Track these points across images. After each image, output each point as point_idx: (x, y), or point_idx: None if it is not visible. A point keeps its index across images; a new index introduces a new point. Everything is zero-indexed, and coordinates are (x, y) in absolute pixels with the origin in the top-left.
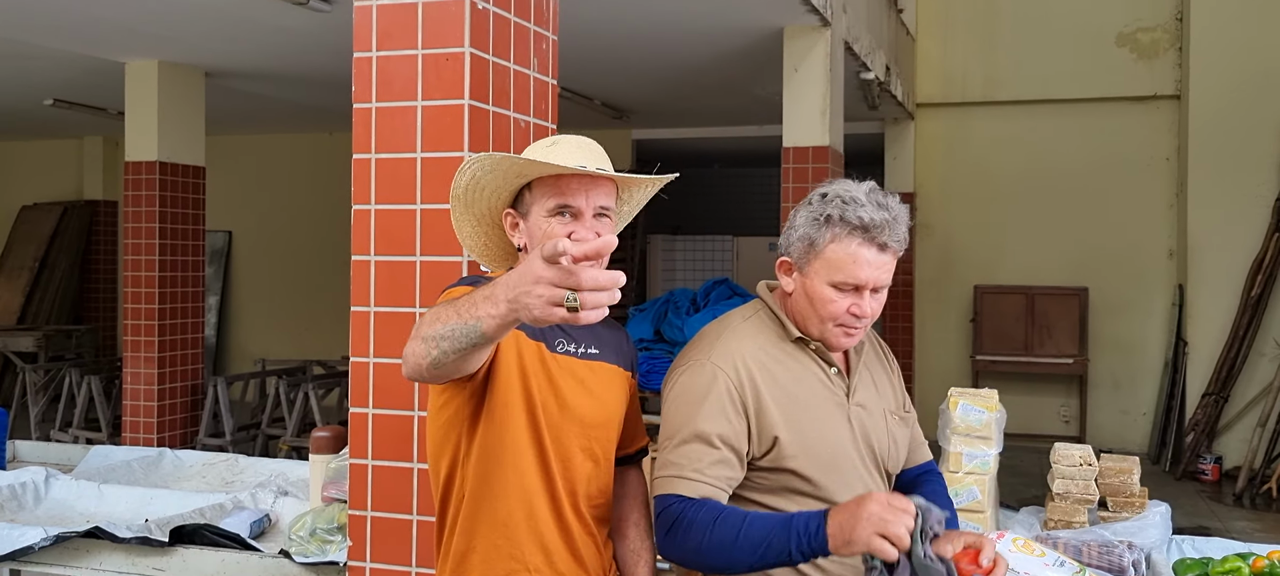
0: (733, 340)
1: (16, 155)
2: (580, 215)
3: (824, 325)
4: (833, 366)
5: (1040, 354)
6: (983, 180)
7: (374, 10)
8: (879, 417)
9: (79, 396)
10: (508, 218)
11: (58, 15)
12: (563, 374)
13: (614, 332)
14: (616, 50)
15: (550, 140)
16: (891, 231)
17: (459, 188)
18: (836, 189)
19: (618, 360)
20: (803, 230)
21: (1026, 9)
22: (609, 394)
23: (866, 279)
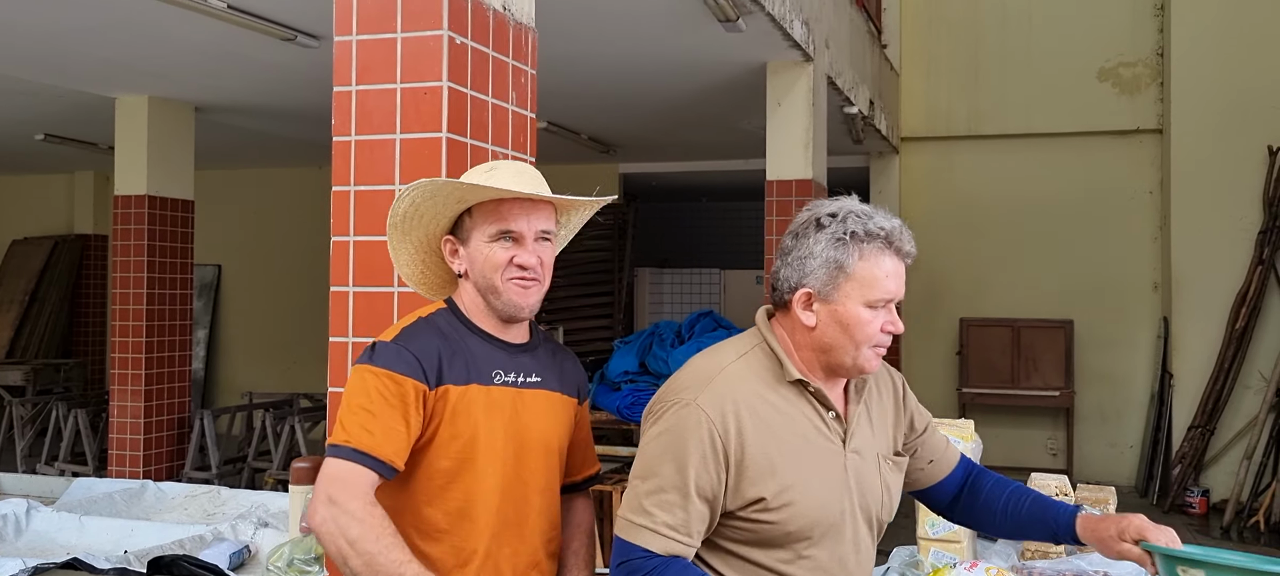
0: (723, 383)
1: (8, 190)
2: (521, 239)
3: (859, 350)
4: (831, 410)
5: (1026, 387)
6: (968, 214)
7: (354, 45)
8: (872, 464)
9: (66, 430)
10: (447, 244)
11: (49, 52)
12: (499, 405)
13: (559, 358)
14: (602, 85)
15: (489, 166)
16: (906, 237)
17: (397, 214)
18: (842, 206)
19: (561, 387)
20: (825, 254)
21: (1010, 44)
22: (549, 423)
23: (895, 291)
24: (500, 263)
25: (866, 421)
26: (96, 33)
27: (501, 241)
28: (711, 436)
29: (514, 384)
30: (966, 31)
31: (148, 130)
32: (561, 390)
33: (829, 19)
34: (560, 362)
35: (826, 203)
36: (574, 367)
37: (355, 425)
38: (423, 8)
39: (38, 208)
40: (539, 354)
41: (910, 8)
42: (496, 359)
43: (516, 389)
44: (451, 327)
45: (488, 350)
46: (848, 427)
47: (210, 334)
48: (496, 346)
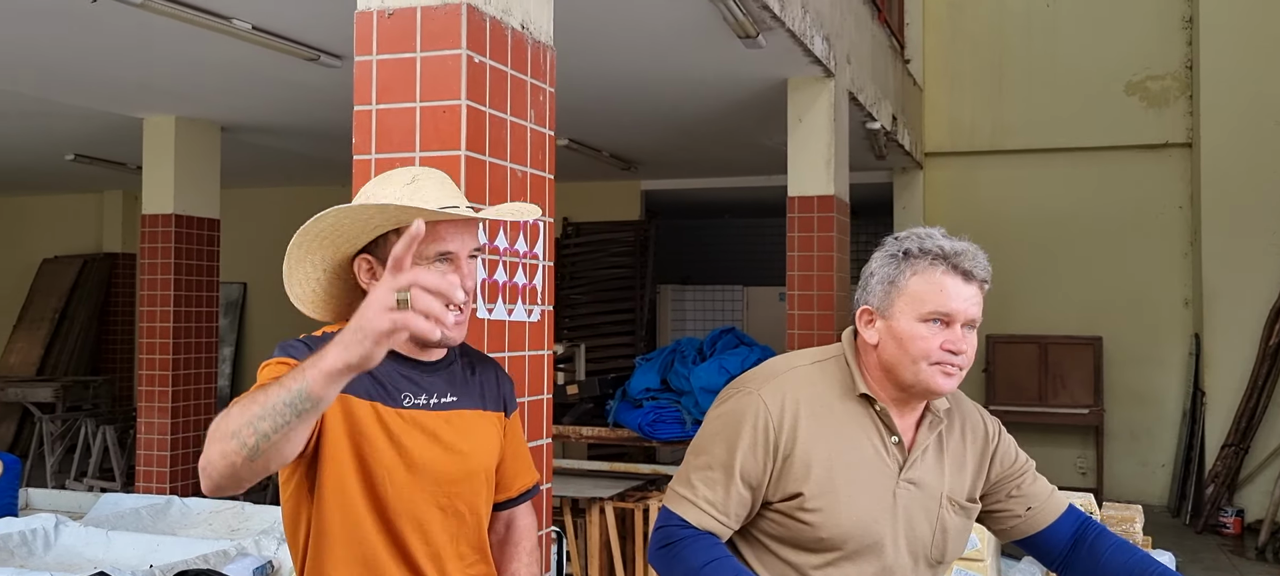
0: (790, 381)
1: (39, 209)
2: (457, 260)
3: (917, 366)
4: (894, 436)
5: (1054, 404)
6: (993, 229)
7: (374, 65)
8: (931, 502)
9: (94, 446)
10: (362, 264)
11: (79, 73)
12: (409, 430)
13: (480, 374)
14: (623, 102)
15: (410, 176)
16: (973, 258)
17: (315, 229)
18: (911, 231)
19: (483, 403)
20: (881, 272)
21: (1034, 58)
22: (469, 443)
23: (955, 310)
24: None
25: (935, 457)
26: (125, 54)
27: (439, 263)
28: (765, 425)
29: (426, 406)
30: (990, 45)
31: (174, 150)
32: (483, 406)
33: (850, 34)
34: (480, 376)
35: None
36: (497, 380)
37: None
38: (442, 28)
39: (67, 227)
40: (454, 371)
41: (933, 22)
42: (406, 380)
43: (430, 411)
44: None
45: (395, 370)
46: (909, 456)
47: (236, 351)
48: (406, 366)
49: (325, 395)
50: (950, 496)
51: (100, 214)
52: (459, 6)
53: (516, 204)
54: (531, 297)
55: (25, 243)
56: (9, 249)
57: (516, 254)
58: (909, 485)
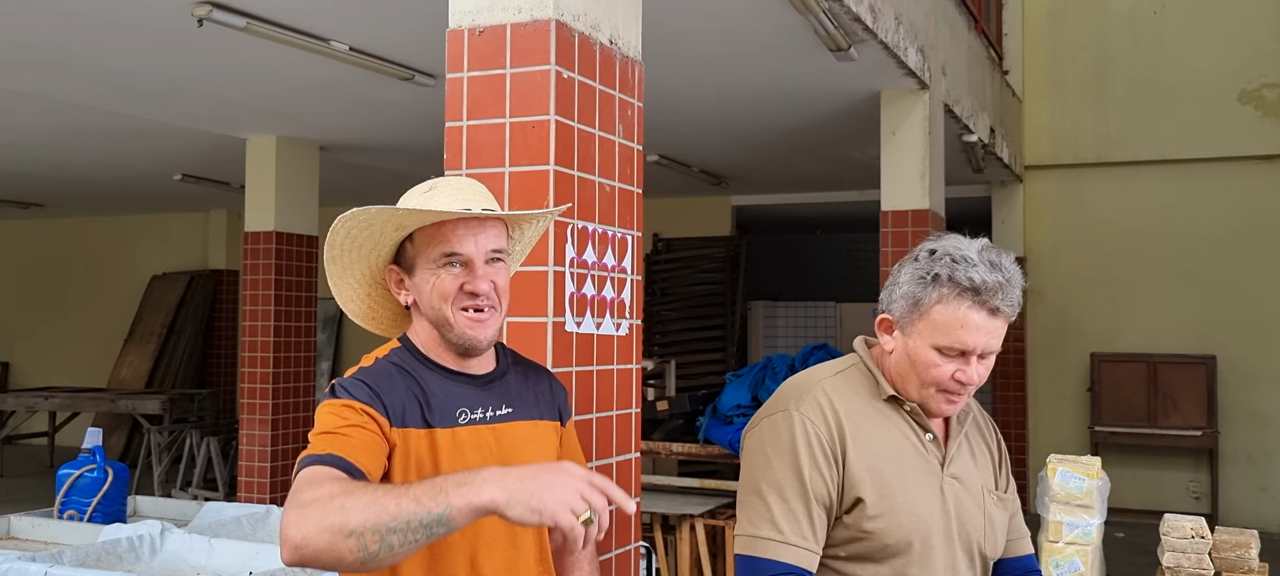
0: (822, 391)
1: (148, 228)
2: (471, 264)
3: (924, 389)
4: (929, 432)
5: (1164, 425)
6: (1097, 244)
7: (465, 82)
8: (976, 494)
9: (199, 457)
10: (391, 275)
11: (187, 97)
12: (466, 448)
13: (531, 381)
14: (713, 117)
15: (428, 185)
16: (1004, 295)
17: (333, 247)
18: (946, 245)
19: (537, 412)
20: (907, 288)
21: (1140, 67)
22: (528, 455)
23: (974, 344)
24: (449, 291)
25: (967, 453)
26: (230, 78)
27: (448, 267)
28: (817, 437)
29: (483, 420)
30: (1093, 55)
31: (276, 169)
32: (538, 415)
33: (946, 46)
34: (534, 386)
35: (940, 237)
36: (551, 388)
37: (323, 444)
38: (531, 44)
39: (175, 244)
40: (508, 381)
41: (1033, 32)
42: (460, 396)
43: (488, 426)
44: (408, 365)
45: (449, 388)
46: (946, 453)
47: (332, 366)
48: (458, 382)
49: (463, 523)
50: (987, 488)
51: (205, 231)
52: (548, 23)
53: (538, 210)
54: (619, 311)
55: (136, 260)
56: (121, 266)
57: (605, 267)
58: (953, 480)
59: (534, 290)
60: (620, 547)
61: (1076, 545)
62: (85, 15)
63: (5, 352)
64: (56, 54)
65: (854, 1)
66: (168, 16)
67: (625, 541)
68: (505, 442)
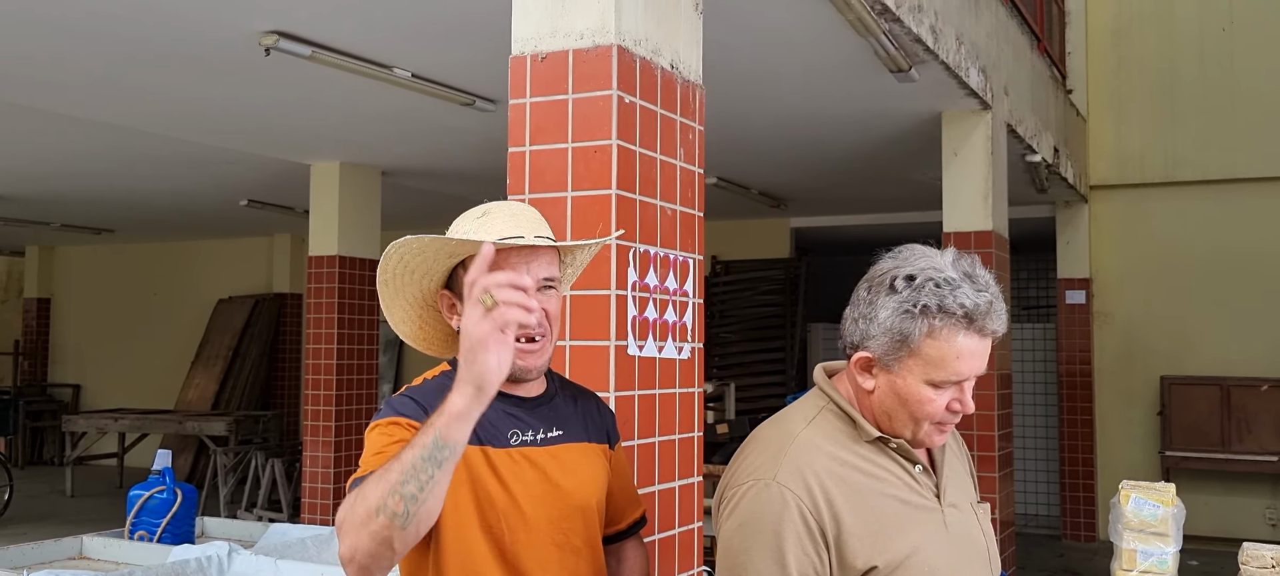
0: (798, 453)
1: (215, 252)
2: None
3: (918, 426)
4: (917, 464)
5: (1239, 451)
6: (1166, 265)
7: (527, 107)
8: (970, 514)
9: (263, 478)
10: (443, 299)
11: (254, 124)
12: (518, 469)
13: (580, 405)
14: (772, 139)
15: (482, 210)
16: (995, 315)
17: (385, 272)
18: (920, 266)
19: (585, 435)
20: (889, 322)
21: (1209, 85)
22: (579, 477)
23: (969, 371)
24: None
25: (952, 473)
26: (295, 105)
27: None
28: (802, 515)
29: (534, 442)
30: (1160, 73)
31: (339, 194)
32: (587, 438)
33: (1008, 65)
34: (583, 409)
35: (911, 259)
36: (598, 411)
37: (371, 466)
38: (593, 69)
39: (241, 268)
40: (557, 404)
41: (1097, 51)
42: (511, 418)
43: (538, 448)
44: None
45: (500, 410)
46: (940, 481)
47: (393, 388)
48: (509, 405)
49: (459, 437)
50: (974, 503)
51: (270, 256)
52: (610, 48)
53: (591, 240)
54: (681, 335)
55: (202, 284)
56: (188, 290)
57: (666, 291)
58: (953, 509)
59: (596, 314)
60: (684, 571)
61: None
62: (156, 46)
63: (77, 375)
64: (128, 84)
65: (915, 23)
66: (236, 46)
67: (688, 565)
68: (555, 464)
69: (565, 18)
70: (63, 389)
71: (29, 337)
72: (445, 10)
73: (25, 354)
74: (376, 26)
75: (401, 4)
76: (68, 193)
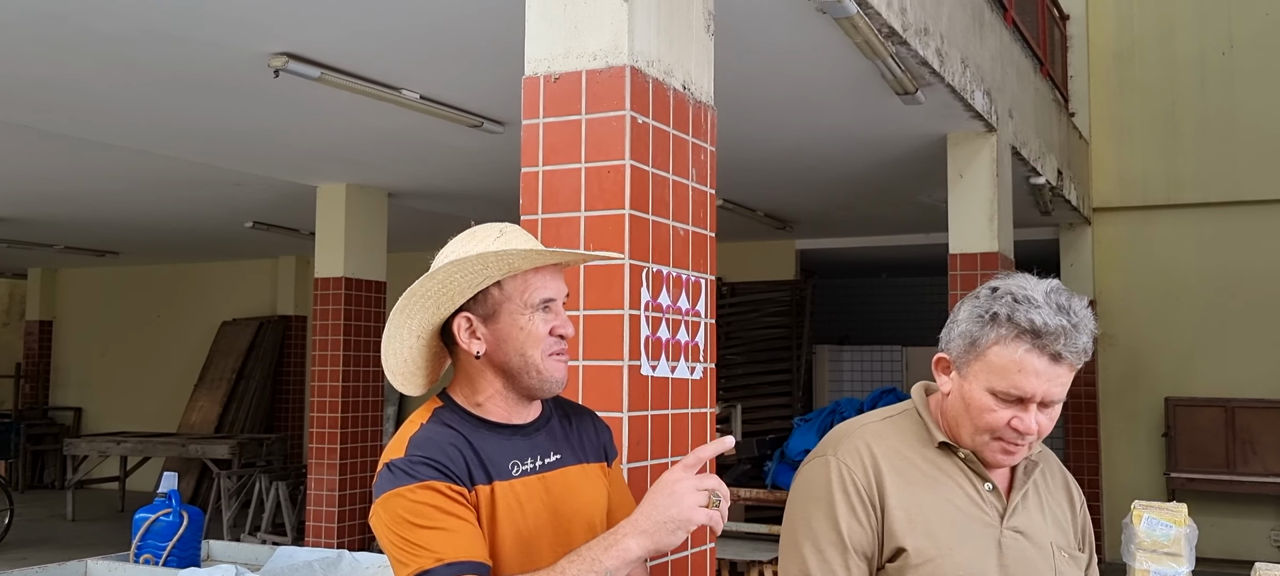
0: (862, 437)
1: (220, 275)
2: (556, 307)
3: (977, 435)
4: (987, 482)
5: (1244, 472)
6: (1170, 287)
7: (541, 127)
8: (1044, 550)
9: (267, 501)
10: (463, 322)
11: (260, 146)
12: (523, 500)
13: (576, 424)
14: (778, 161)
15: (496, 229)
16: (1068, 340)
17: (424, 289)
18: (1010, 284)
19: (583, 456)
20: (964, 326)
21: (1210, 108)
22: (581, 498)
23: (1032, 391)
24: (541, 335)
25: (1036, 505)
26: (303, 127)
27: (543, 311)
28: (854, 483)
29: (534, 470)
30: (1161, 96)
31: (345, 216)
32: (584, 459)
33: (1012, 88)
34: (577, 429)
35: (1008, 276)
36: (593, 428)
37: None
38: (606, 90)
39: (245, 291)
40: (553, 427)
41: (1099, 74)
42: (512, 449)
43: (539, 475)
44: (457, 425)
45: (499, 441)
46: (1008, 504)
47: (399, 410)
48: (506, 434)
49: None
50: (1059, 546)
51: (275, 278)
52: (623, 70)
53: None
54: (694, 355)
55: (207, 306)
56: (193, 312)
57: (679, 311)
58: (1015, 534)
59: (610, 334)
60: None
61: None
62: (165, 69)
63: (79, 398)
64: (136, 106)
65: (921, 45)
66: (245, 68)
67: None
68: (556, 490)
69: (578, 39)
70: (64, 412)
71: (31, 360)
72: (454, 32)
73: (27, 377)
74: (385, 48)
75: (410, 26)
76: (72, 214)
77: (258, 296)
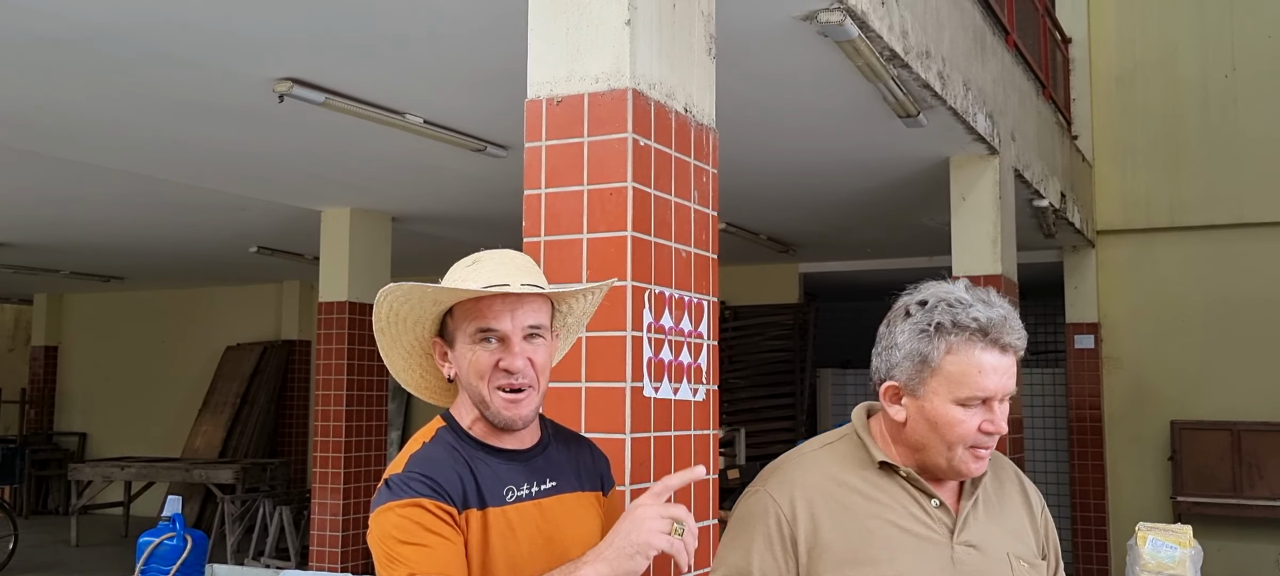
0: (797, 469)
1: (225, 299)
2: (507, 339)
3: (953, 451)
4: (933, 498)
5: (1251, 496)
6: (1174, 309)
7: (543, 150)
8: (999, 563)
9: (271, 526)
10: (436, 347)
11: (266, 170)
12: (515, 526)
13: (572, 451)
14: (781, 184)
15: (472, 259)
16: (1009, 328)
17: (379, 319)
18: (932, 292)
19: (578, 484)
20: (909, 346)
21: (1213, 130)
22: (574, 529)
23: (994, 388)
24: (485, 367)
25: (987, 516)
26: (307, 152)
27: (484, 343)
28: (777, 520)
29: (529, 497)
30: (1164, 119)
31: (349, 240)
32: (580, 487)
33: (1014, 111)
34: (576, 456)
35: (924, 289)
36: (592, 458)
37: (411, 557)
38: (608, 113)
39: (249, 316)
40: (551, 454)
41: (1101, 97)
42: (506, 474)
43: (534, 502)
44: (456, 446)
45: (495, 466)
46: (958, 518)
47: (402, 435)
48: (503, 459)
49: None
50: (1017, 554)
51: (279, 303)
52: (625, 92)
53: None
54: (696, 376)
55: (211, 331)
56: (197, 337)
57: (682, 332)
58: (968, 548)
59: (612, 355)
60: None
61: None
62: (170, 94)
63: (83, 423)
64: (142, 131)
65: (923, 69)
66: (250, 93)
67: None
68: (550, 517)
69: (580, 62)
70: (69, 437)
71: (36, 385)
72: (458, 57)
73: (32, 402)
74: (389, 73)
75: (414, 51)
76: (77, 240)
77: (262, 321)
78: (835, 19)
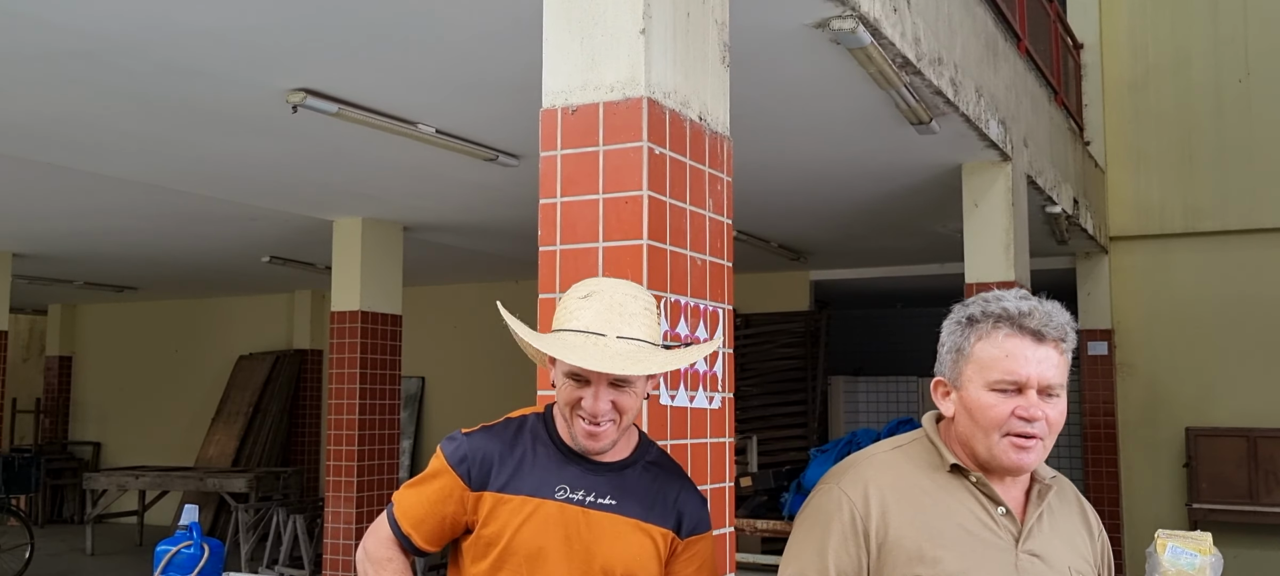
0: (870, 468)
1: (237, 309)
2: (595, 384)
3: (990, 438)
4: (1000, 506)
5: (1268, 503)
6: (1189, 316)
7: (558, 159)
8: (1061, 574)
9: (285, 535)
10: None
11: (280, 180)
12: (555, 524)
13: (658, 483)
14: (792, 192)
15: (586, 290)
16: (1042, 318)
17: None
18: (979, 295)
19: (642, 514)
20: (949, 342)
21: (1227, 135)
22: (613, 548)
23: (1026, 375)
24: (569, 400)
25: (1051, 529)
26: (320, 162)
27: (569, 381)
28: (851, 515)
29: (579, 503)
30: (1177, 124)
31: (361, 250)
32: (643, 518)
33: (1026, 117)
34: (659, 489)
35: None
36: (679, 496)
37: (410, 492)
38: (623, 122)
39: (262, 325)
40: (628, 475)
41: (1114, 102)
42: (566, 474)
43: (581, 508)
44: (533, 434)
45: (559, 463)
46: (1023, 527)
47: (414, 444)
48: (571, 461)
49: None
50: (1076, 570)
51: (291, 312)
52: (640, 101)
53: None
54: (712, 384)
55: (223, 341)
56: (210, 347)
57: (697, 341)
58: (1031, 557)
59: None
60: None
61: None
62: (184, 105)
63: (97, 432)
64: (155, 142)
65: (935, 75)
66: (264, 104)
67: None
68: (596, 530)
69: (595, 71)
70: (83, 447)
71: (50, 395)
72: (470, 67)
73: (47, 411)
74: (402, 83)
75: (426, 61)
76: (91, 250)
77: (274, 330)
78: (848, 26)
